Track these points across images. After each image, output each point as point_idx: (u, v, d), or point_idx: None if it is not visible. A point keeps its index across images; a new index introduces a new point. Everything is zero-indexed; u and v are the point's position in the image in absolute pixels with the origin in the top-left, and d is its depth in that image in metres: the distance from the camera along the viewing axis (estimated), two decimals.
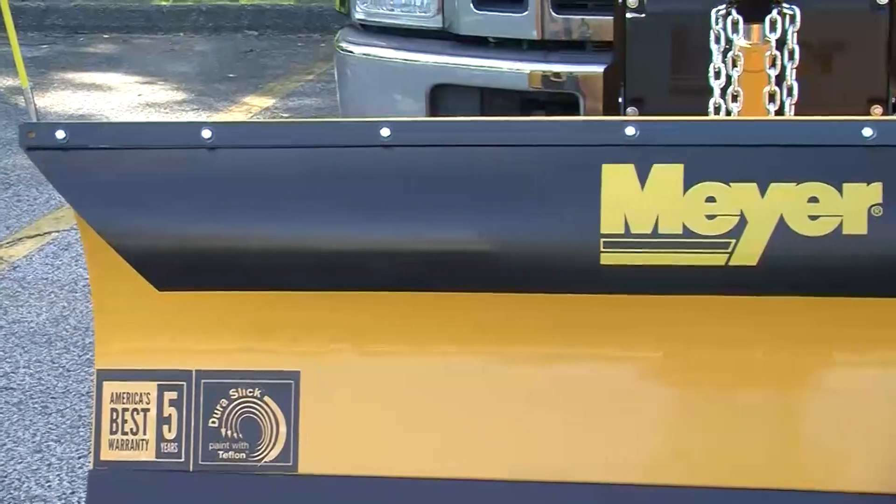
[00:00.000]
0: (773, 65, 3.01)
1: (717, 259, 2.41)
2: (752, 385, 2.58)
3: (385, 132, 2.50)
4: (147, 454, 2.67)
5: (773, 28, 3.00)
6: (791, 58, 3.00)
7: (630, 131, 2.45)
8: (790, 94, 3.00)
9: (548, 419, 2.60)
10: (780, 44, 3.00)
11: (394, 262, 2.53)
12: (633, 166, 2.43)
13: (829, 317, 2.53)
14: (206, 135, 2.54)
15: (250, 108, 8.78)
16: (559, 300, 2.56)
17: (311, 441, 2.64)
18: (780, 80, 3.00)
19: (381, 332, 2.64)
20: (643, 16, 3.32)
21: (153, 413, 2.68)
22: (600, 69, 3.55)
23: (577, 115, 3.91)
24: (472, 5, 4.13)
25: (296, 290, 2.61)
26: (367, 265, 2.54)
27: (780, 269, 2.42)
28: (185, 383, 2.67)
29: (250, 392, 2.66)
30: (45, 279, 5.55)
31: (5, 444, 4.09)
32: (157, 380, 2.68)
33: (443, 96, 4.21)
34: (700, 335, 2.57)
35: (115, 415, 2.68)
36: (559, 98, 4.01)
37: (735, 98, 3.01)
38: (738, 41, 3.02)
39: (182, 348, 2.68)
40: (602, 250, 2.43)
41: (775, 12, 3.00)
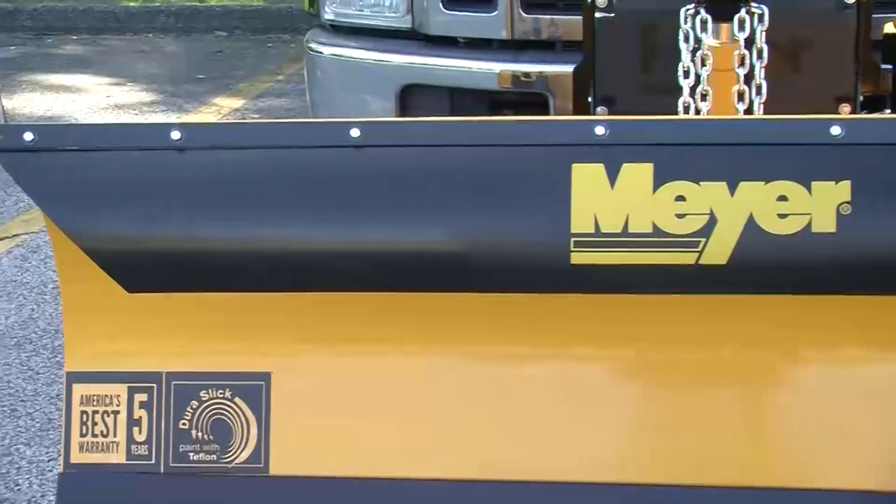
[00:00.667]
0: (742, 64, 3.01)
1: (687, 258, 2.42)
2: (722, 383, 2.59)
3: (355, 133, 2.50)
4: (117, 456, 2.67)
5: (741, 27, 3.01)
6: (760, 57, 3.01)
7: (600, 131, 2.45)
8: (759, 92, 3.00)
9: (519, 419, 2.60)
10: (749, 43, 3.01)
11: (364, 262, 2.53)
12: (602, 166, 2.43)
13: (799, 315, 2.54)
14: (175, 136, 2.53)
15: (220, 109, 8.75)
16: (530, 300, 2.56)
17: (283, 442, 2.64)
18: (749, 78, 3.01)
19: (352, 333, 2.63)
20: (612, 15, 3.33)
21: (123, 415, 2.67)
22: (570, 69, 3.54)
23: (547, 114, 3.91)
24: (441, 5, 4.13)
25: (266, 292, 2.60)
26: (337, 266, 2.54)
27: (750, 267, 2.43)
28: (155, 385, 2.67)
29: (221, 393, 2.65)
30: (14, 281, 5.53)
31: None
32: (127, 382, 2.67)
33: (413, 96, 4.21)
34: (671, 334, 2.58)
35: (85, 417, 2.67)
36: (529, 98, 4.01)
37: (704, 97, 3.02)
38: (707, 40, 3.02)
39: (152, 350, 2.68)
40: (572, 250, 2.43)
41: (744, 11, 3.01)
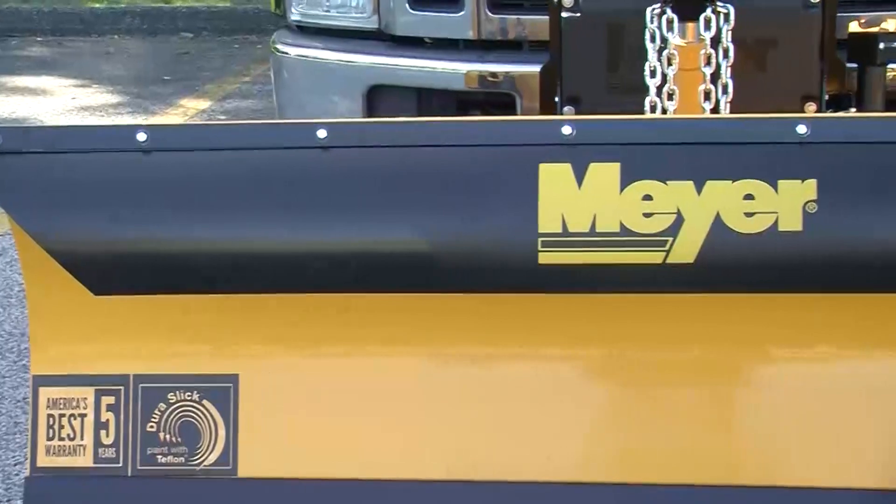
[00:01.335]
0: (709, 63, 3.02)
1: (655, 257, 2.42)
2: (691, 382, 2.59)
3: (322, 134, 2.49)
4: (84, 460, 2.65)
5: (707, 26, 3.02)
6: (726, 56, 3.02)
7: (566, 130, 2.45)
8: (725, 91, 3.01)
9: (488, 419, 2.60)
10: (715, 42, 3.02)
11: (332, 263, 2.52)
12: (569, 165, 2.43)
13: (765, 313, 2.54)
14: (140, 138, 2.52)
15: (186, 110, 8.73)
16: (498, 300, 2.56)
17: (251, 444, 2.63)
18: (716, 78, 3.02)
19: (320, 334, 2.63)
20: (578, 15, 3.33)
21: (90, 418, 2.66)
22: (537, 69, 3.54)
23: (514, 114, 3.91)
24: (407, 6, 4.13)
25: (233, 293, 2.60)
26: (304, 267, 2.53)
27: (717, 266, 2.43)
28: (122, 388, 2.66)
29: (188, 396, 2.65)
30: None
31: None
32: (94, 385, 2.66)
33: (380, 97, 4.20)
34: (638, 333, 2.58)
35: (51, 420, 2.66)
36: (496, 98, 4.01)
37: (671, 96, 3.02)
38: (674, 39, 3.03)
39: (119, 353, 2.67)
40: (540, 250, 2.43)
41: (709, 11, 3.01)
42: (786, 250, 2.41)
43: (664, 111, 3.01)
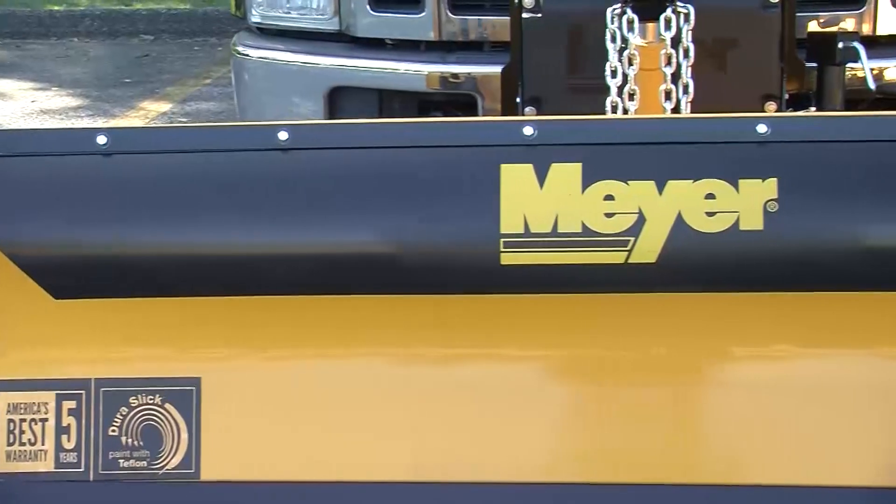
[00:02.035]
0: (669, 63, 3.03)
1: (617, 257, 2.42)
2: (653, 381, 2.60)
3: (283, 136, 2.49)
4: (46, 465, 2.64)
5: (667, 26, 3.03)
6: (686, 56, 3.03)
7: (528, 131, 2.45)
8: (686, 91, 3.02)
9: (450, 420, 2.60)
10: (676, 42, 3.03)
11: (293, 265, 2.51)
12: (531, 166, 2.43)
13: (728, 312, 2.55)
14: (101, 141, 2.51)
15: (147, 113, 8.69)
16: (460, 301, 2.56)
17: (214, 447, 2.62)
18: (676, 77, 3.03)
19: (282, 337, 2.62)
20: (539, 16, 3.33)
21: (52, 423, 2.64)
22: (498, 69, 3.55)
23: (476, 115, 3.91)
24: (368, 7, 4.13)
25: (195, 296, 2.59)
26: (266, 269, 2.52)
27: (679, 265, 2.44)
28: (84, 392, 2.64)
29: (151, 399, 2.64)
30: None
31: None
32: (55, 389, 2.65)
33: (341, 98, 4.20)
34: (601, 333, 2.59)
35: (12, 426, 2.65)
36: (457, 99, 4.02)
37: (632, 96, 3.03)
38: (634, 40, 3.04)
39: (80, 357, 2.65)
40: (502, 250, 2.43)
41: (670, 11, 3.03)
42: (747, 249, 2.42)
43: (625, 111, 3.02)
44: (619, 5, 3.05)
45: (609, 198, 2.41)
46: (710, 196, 2.40)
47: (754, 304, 2.53)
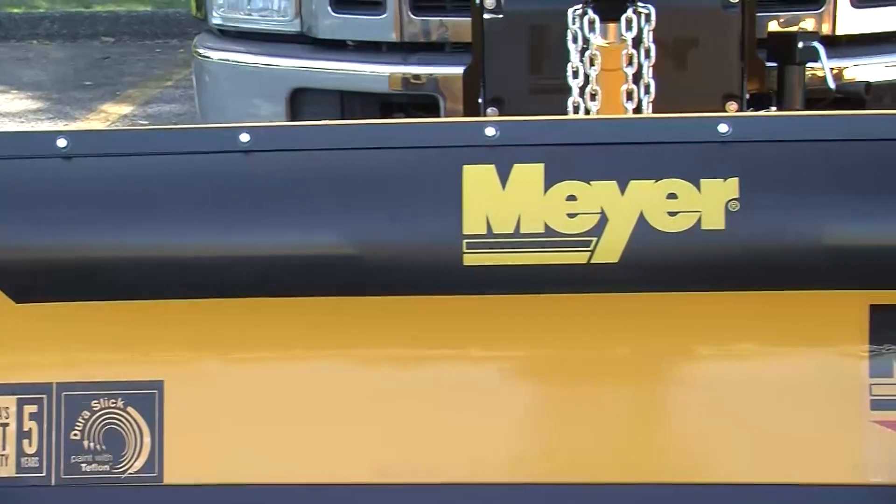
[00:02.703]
0: (630, 63, 3.04)
1: (579, 257, 2.43)
2: (616, 381, 2.60)
3: (244, 138, 2.48)
4: (7, 470, 2.63)
5: (629, 27, 3.04)
6: (647, 56, 3.04)
7: (490, 132, 2.46)
8: (647, 91, 3.03)
9: (415, 421, 2.60)
10: (637, 42, 3.04)
11: (256, 268, 2.51)
12: (493, 167, 2.43)
13: (690, 311, 2.56)
14: (61, 144, 2.50)
15: (108, 115, 8.65)
16: (423, 302, 2.56)
17: (177, 450, 2.62)
18: (638, 78, 3.04)
19: (245, 339, 2.62)
20: (500, 16, 3.33)
21: (13, 427, 2.63)
22: (460, 70, 3.55)
23: (438, 116, 3.91)
24: (329, 9, 4.12)
25: (157, 300, 2.58)
26: (228, 272, 2.52)
27: (642, 265, 2.44)
28: (45, 396, 2.63)
29: (113, 403, 2.62)
30: None
31: None
32: (16, 394, 2.64)
33: (303, 100, 4.19)
34: (565, 333, 2.59)
35: None
36: (419, 100, 4.02)
37: (593, 97, 3.04)
38: (595, 40, 3.04)
39: (42, 361, 2.64)
40: (465, 251, 2.43)
41: (631, 11, 3.03)
42: (709, 249, 2.42)
43: (587, 112, 3.03)
44: (580, 6, 3.06)
45: (571, 198, 2.42)
46: (672, 196, 2.41)
47: (717, 304, 2.54)
